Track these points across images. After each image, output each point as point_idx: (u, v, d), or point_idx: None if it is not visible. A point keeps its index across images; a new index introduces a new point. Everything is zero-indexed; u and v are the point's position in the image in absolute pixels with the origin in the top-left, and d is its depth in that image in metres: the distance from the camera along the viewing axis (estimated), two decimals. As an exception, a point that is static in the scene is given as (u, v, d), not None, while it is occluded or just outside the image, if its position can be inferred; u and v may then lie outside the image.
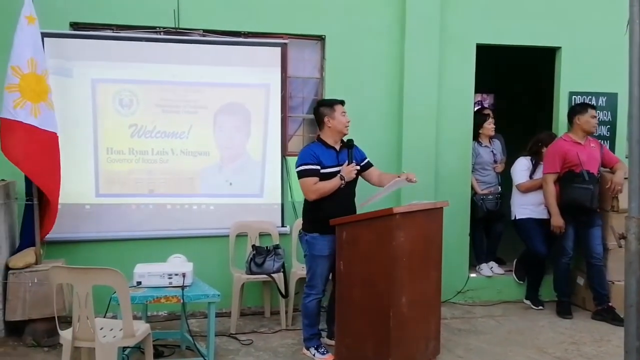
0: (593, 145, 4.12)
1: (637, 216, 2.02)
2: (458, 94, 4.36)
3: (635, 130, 2.03)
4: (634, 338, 2.08)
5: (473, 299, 4.46)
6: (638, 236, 2.02)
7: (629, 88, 2.07)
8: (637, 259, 2.04)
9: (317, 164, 3.12)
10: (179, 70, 3.99)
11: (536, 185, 4.20)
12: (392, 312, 2.89)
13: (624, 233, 2.04)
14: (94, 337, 2.57)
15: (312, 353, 3.27)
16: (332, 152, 3.21)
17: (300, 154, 3.23)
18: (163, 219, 4.02)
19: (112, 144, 3.94)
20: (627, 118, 2.09)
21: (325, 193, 3.12)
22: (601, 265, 4.05)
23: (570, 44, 4.50)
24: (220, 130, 4.10)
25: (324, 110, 3.20)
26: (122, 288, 2.58)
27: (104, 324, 2.82)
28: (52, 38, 3.78)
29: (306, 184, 3.14)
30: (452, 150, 4.37)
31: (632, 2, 2.04)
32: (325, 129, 3.21)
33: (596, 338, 3.67)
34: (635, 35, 2.03)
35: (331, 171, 3.16)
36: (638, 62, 2.03)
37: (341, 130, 3.21)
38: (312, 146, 3.22)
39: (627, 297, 2.11)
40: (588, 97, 4.52)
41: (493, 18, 4.38)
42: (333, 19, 4.19)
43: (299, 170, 3.16)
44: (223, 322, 3.83)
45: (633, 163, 2.05)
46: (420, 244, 3.09)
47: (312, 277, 3.24)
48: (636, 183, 2.02)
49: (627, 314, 2.10)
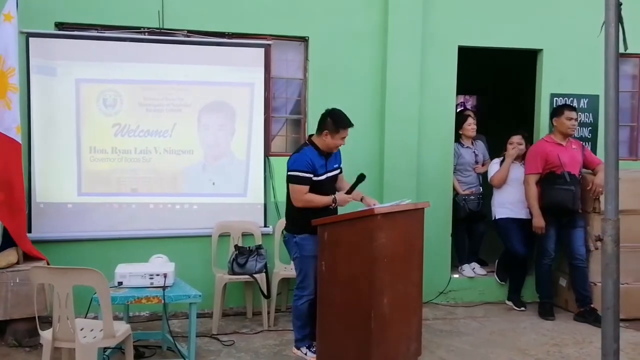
0: (575, 147, 4.15)
1: (613, 218, 2.03)
2: (440, 96, 4.39)
3: (611, 132, 2.04)
4: (612, 340, 2.08)
5: (455, 299, 4.48)
6: (614, 238, 2.03)
7: (604, 90, 2.09)
8: (613, 261, 2.05)
9: (312, 172, 3.13)
10: (163, 69, 3.98)
11: (504, 171, 4.18)
12: (374, 313, 2.89)
13: (599, 235, 2.05)
14: (74, 337, 2.55)
15: (303, 352, 3.27)
16: (322, 158, 3.22)
17: (295, 157, 3.18)
18: (146, 218, 4.00)
19: (95, 143, 3.92)
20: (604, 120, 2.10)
21: (312, 206, 3.12)
22: (584, 267, 4.08)
23: (552, 46, 4.54)
24: (204, 128, 4.09)
25: (329, 124, 3.15)
26: (102, 288, 2.57)
27: (85, 324, 2.81)
28: (36, 38, 3.77)
29: (298, 192, 3.13)
30: (434, 151, 4.40)
31: (608, 5, 2.06)
32: (321, 138, 3.20)
33: (578, 340, 3.69)
34: (611, 38, 2.05)
35: (321, 179, 3.18)
36: (614, 64, 2.05)
37: (331, 149, 3.24)
38: (307, 152, 3.17)
39: (604, 299, 2.11)
40: (569, 99, 4.56)
41: (475, 21, 4.41)
42: (316, 20, 4.20)
43: (294, 175, 3.13)
44: (205, 323, 3.82)
45: (609, 165, 2.06)
46: (401, 245, 3.09)
47: (304, 279, 3.23)
48: (612, 185, 2.04)
49: (604, 316, 2.11)
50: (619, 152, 4.93)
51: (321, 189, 3.17)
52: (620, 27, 2.06)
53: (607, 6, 2.07)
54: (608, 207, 2.08)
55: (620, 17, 2.05)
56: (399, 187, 4.08)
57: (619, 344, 2.11)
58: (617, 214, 2.05)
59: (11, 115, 3.47)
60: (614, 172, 2.08)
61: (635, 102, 4.90)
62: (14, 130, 3.49)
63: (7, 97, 3.45)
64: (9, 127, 3.46)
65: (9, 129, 3.47)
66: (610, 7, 2.06)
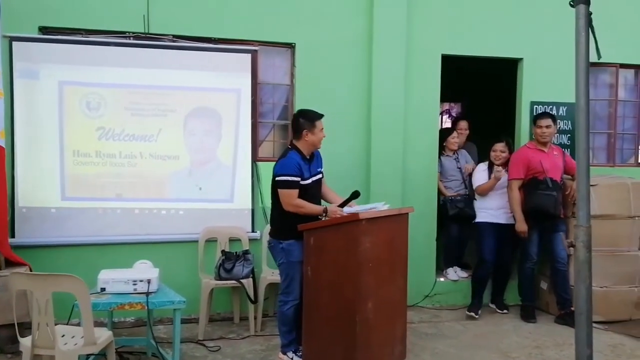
0: (556, 153, 4.25)
1: (585, 225, 2.04)
2: (424, 103, 4.46)
3: (582, 139, 2.06)
4: (585, 346, 2.10)
5: (440, 302, 4.54)
6: (586, 244, 2.04)
7: (575, 99, 2.11)
8: (585, 267, 2.06)
9: (299, 176, 3.14)
10: (148, 74, 3.96)
11: (491, 185, 4.25)
12: (359, 317, 2.91)
13: (572, 241, 2.06)
14: (54, 344, 2.52)
15: (290, 357, 3.27)
16: (306, 162, 3.23)
17: (282, 162, 3.16)
18: (131, 223, 3.98)
19: (78, 146, 3.89)
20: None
21: (302, 213, 3.13)
22: (565, 270, 4.15)
23: (532, 55, 4.65)
24: (190, 134, 4.08)
25: (304, 123, 3.18)
26: (82, 295, 2.54)
27: (66, 330, 2.78)
28: (20, 42, 3.74)
29: (288, 196, 3.13)
30: (419, 156, 4.46)
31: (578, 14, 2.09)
32: (302, 141, 3.20)
33: (558, 342, 3.76)
34: (581, 47, 2.08)
35: (308, 183, 3.19)
36: (584, 73, 2.09)
37: (316, 145, 3.25)
38: (293, 156, 3.17)
39: (577, 304, 2.13)
40: (549, 106, 4.67)
41: (458, 30, 4.50)
42: (303, 27, 4.24)
43: (283, 180, 3.12)
44: (191, 328, 3.80)
45: (580, 173, 2.06)
46: (386, 250, 3.13)
47: (290, 284, 3.22)
48: (583, 192, 2.04)
49: (577, 321, 2.12)
50: (594, 159, 5.05)
51: (307, 192, 3.19)
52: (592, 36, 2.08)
53: (578, 15, 2.08)
54: (580, 213, 2.06)
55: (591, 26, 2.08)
56: (385, 193, 4.12)
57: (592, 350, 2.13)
58: (589, 220, 2.05)
59: None
60: (585, 179, 2.06)
61: (612, 110, 5.03)
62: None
63: None
64: None
65: None
66: (581, 16, 2.08)
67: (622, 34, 4.74)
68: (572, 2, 2.09)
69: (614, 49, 4.51)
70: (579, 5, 2.06)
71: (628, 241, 4.22)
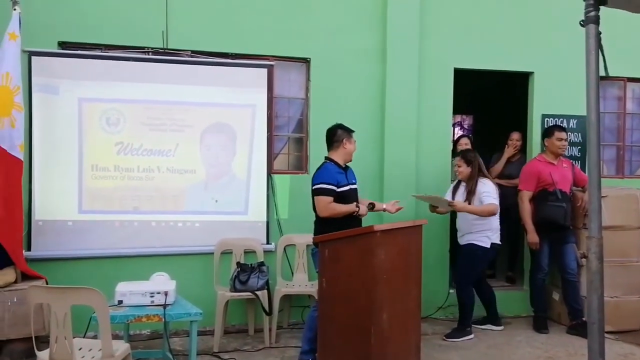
0: (565, 166, 4.29)
1: (597, 236, 2.06)
2: (437, 115, 4.53)
3: (593, 154, 2.10)
4: (597, 355, 2.12)
5: (454, 314, 4.53)
6: (598, 255, 2.06)
7: (587, 113, 2.17)
8: (598, 277, 2.08)
9: (335, 184, 3.30)
10: (166, 89, 4.04)
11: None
12: (373, 329, 2.92)
13: (584, 252, 2.09)
14: (72, 358, 2.50)
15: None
16: (342, 172, 3.41)
17: (319, 172, 3.37)
18: (147, 236, 4.03)
19: (97, 160, 3.96)
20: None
21: (337, 214, 3.29)
22: (575, 281, 4.17)
23: (543, 69, 4.72)
24: (206, 148, 4.16)
25: (343, 134, 3.41)
26: (101, 308, 2.52)
27: (83, 344, 2.77)
28: (39, 57, 3.80)
29: (323, 202, 3.29)
30: (432, 169, 4.52)
31: (588, 34, 2.15)
32: (340, 150, 3.41)
33: (571, 352, 3.77)
34: (592, 65, 2.13)
35: (345, 190, 3.34)
36: (594, 91, 2.14)
37: (351, 154, 3.47)
38: (329, 167, 3.37)
39: (590, 315, 2.16)
40: (560, 119, 4.73)
41: (469, 44, 4.59)
42: (318, 42, 4.33)
43: (318, 188, 3.31)
44: (207, 341, 3.83)
45: (592, 185, 2.09)
46: (400, 261, 3.16)
47: None
48: (595, 204, 2.07)
49: (590, 331, 2.14)
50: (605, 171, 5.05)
51: (344, 200, 3.33)
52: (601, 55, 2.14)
53: (588, 35, 2.13)
54: (592, 225, 2.09)
55: (601, 46, 2.14)
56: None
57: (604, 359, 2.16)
58: (601, 232, 2.08)
59: (15, 133, 3.51)
60: (597, 192, 2.09)
61: (621, 123, 5.08)
62: (17, 149, 3.53)
63: (12, 116, 3.50)
64: (13, 145, 3.50)
65: (13, 147, 3.51)
66: (591, 36, 2.13)
67: (630, 48, 4.80)
68: (582, 22, 2.15)
69: (622, 63, 4.59)
70: (589, 25, 2.12)
71: (637, 251, 4.26)
